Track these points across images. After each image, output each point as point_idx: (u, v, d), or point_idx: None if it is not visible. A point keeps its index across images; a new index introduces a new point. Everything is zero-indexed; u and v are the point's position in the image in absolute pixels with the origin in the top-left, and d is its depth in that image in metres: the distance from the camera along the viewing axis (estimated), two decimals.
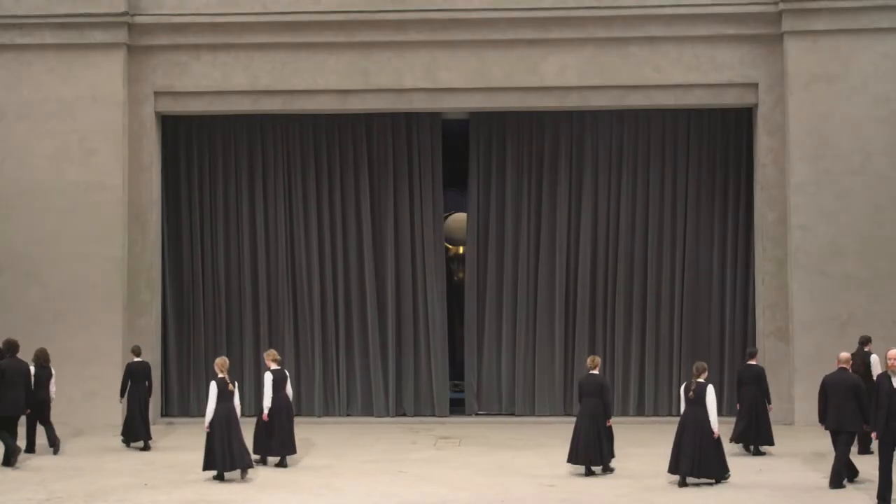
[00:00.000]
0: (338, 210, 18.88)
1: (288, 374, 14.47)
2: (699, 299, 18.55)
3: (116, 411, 17.35)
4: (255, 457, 13.85)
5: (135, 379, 15.78)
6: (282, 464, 14.07)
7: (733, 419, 15.45)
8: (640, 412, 18.46)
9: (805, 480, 13.11)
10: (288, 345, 18.63)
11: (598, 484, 12.90)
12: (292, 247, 18.89)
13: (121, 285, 17.85)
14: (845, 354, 13.20)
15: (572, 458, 13.40)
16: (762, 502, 12.00)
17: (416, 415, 18.63)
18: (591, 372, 13.54)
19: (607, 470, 13.49)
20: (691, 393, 12.70)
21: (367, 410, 18.66)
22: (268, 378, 14.03)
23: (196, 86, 18.23)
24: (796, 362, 17.26)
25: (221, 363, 13.37)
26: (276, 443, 14.03)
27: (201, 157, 19.01)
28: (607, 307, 18.66)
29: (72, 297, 17.74)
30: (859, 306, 17.21)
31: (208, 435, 13.03)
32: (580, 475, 13.35)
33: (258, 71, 18.16)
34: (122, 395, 15.85)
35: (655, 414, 18.41)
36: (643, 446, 15.49)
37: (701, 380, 12.75)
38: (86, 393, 17.46)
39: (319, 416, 18.48)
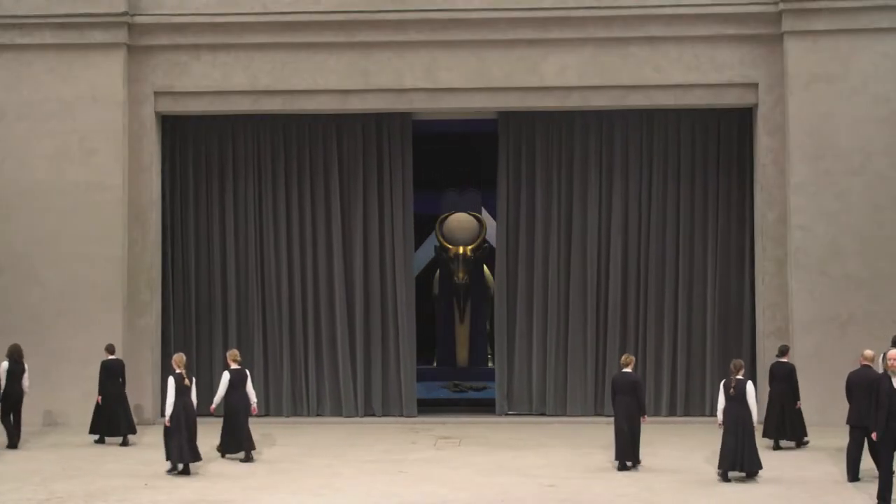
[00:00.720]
0: (307, 211, 18.79)
1: (248, 373, 14.94)
2: (728, 298, 18.43)
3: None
4: (239, 455, 14.58)
5: (109, 375, 16.16)
6: (248, 458, 14.58)
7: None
8: (672, 412, 18.35)
9: (806, 479, 13.11)
10: (257, 345, 18.57)
11: (599, 484, 12.90)
12: (261, 247, 18.80)
13: (121, 285, 17.84)
14: (870, 352, 13.23)
15: (618, 454, 13.80)
16: (763, 501, 12.01)
17: (384, 415, 18.55)
18: (624, 370, 13.91)
19: (623, 467, 13.79)
20: (732, 390, 13.04)
21: (336, 411, 18.58)
22: (225, 377, 14.64)
23: (196, 86, 18.23)
24: (796, 362, 17.19)
25: (178, 359, 13.96)
26: (234, 440, 14.62)
27: (172, 158, 18.94)
28: (639, 307, 18.50)
29: (72, 297, 17.73)
30: (859, 306, 17.21)
31: (167, 429, 13.52)
32: (617, 469, 13.76)
33: (258, 71, 18.16)
34: (99, 392, 16.15)
35: (687, 414, 18.30)
36: (650, 445, 15.49)
37: (740, 376, 13.16)
38: (85, 393, 17.33)
39: (287, 416, 18.42)
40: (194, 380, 14.08)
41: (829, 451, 14.59)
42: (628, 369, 13.88)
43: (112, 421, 16.00)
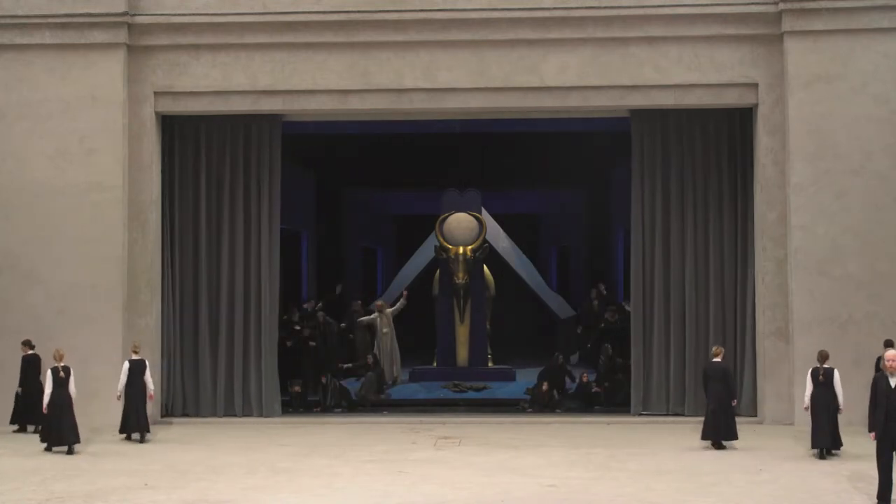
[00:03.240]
0: (176, 210, 18.75)
1: (147, 363, 16.51)
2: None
3: (117, 411, 17.33)
4: (122, 435, 16.32)
5: (31, 370, 16.96)
6: (143, 439, 16.20)
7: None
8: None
9: (805, 480, 13.11)
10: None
11: (599, 484, 12.91)
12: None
13: (121, 285, 17.84)
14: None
15: (705, 436, 15.43)
16: (762, 501, 12.01)
17: (244, 415, 18.46)
18: (714, 360, 15.64)
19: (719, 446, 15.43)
20: (821, 377, 14.72)
21: (195, 410, 18.52)
22: (125, 367, 16.36)
23: (196, 86, 18.22)
24: (796, 362, 17.24)
25: (57, 354, 15.63)
26: (132, 422, 16.22)
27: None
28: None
29: (72, 297, 17.73)
30: (859, 306, 17.21)
31: (46, 415, 15.36)
32: (708, 448, 15.31)
33: (258, 71, 18.16)
34: (20, 385, 17.04)
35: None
36: (649, 446, 15.49)
37: (827, 365, 14.81)
38: (85, 393, 17.37)
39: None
40: (71, 371, 15.53)
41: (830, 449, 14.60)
42: (718, 359, 15.58)
43: (36, 412, 16.45)
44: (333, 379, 20.11)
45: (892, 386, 11.49)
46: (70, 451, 15.16)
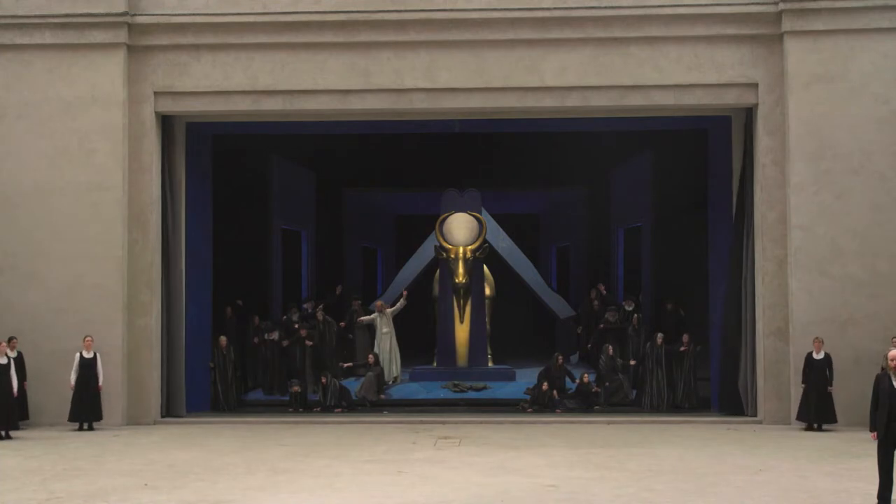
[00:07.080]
0: None
1: (98, 356, 17.41)
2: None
3: (117, 411, 17.42)
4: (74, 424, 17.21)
5: None
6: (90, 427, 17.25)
7: None
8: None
9: (805, 480, 13.10)
10: None
11: (599, 484, 12.90)
12: None
13: (121, 285, 17.85)
14: None
15: (801, 417, 16.87)
16: (761, 501, 12.00)
17: (163, 417, 18.47)
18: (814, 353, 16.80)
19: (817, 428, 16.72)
20: None
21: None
22: (98, 359, 17.20)
23: (196, 86, 18.24)
24: (796, 362, 17.25)
25: None
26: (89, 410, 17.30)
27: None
28: None
29: (72, 297, 17.75)
30: (859, 306, 17.22)
31: None
32: (803, 429, 16.79)
33: (258, 71, 18.17)
34: None
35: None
36: (650, 446, 15.48)
37: None
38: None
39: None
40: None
41: (826, 448, 14.57)
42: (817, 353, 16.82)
43: None
44: (333, 379, 20.14)
45: (895, 385, 11.47)
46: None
